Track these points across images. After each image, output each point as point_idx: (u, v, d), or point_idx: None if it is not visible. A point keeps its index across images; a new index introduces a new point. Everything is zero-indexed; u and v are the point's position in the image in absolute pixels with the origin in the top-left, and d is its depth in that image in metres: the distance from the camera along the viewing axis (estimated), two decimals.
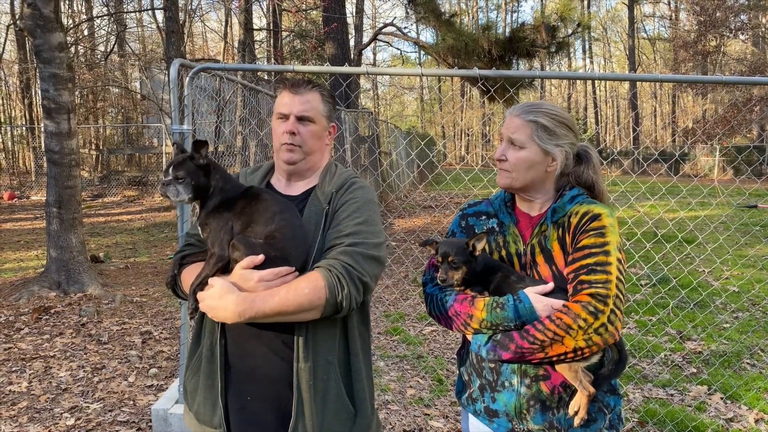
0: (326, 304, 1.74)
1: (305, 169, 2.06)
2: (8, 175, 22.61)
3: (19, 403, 4.43)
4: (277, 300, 1.72)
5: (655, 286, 7.21)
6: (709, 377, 4.84)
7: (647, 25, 50.03)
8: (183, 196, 1.83)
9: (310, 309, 1.75)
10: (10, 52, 28.50)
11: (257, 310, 1.71)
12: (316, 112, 2.01)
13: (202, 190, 1.86)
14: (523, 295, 1.79)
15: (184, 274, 1.94)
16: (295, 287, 1.74)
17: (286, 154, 2.00)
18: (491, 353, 1.81)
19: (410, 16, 16.60)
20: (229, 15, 20.82)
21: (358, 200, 1.96)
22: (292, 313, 1.74)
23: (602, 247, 1.76)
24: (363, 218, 1.91)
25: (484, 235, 1.88)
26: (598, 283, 1.72)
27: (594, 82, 47.26)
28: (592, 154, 2.00)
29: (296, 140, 1.98)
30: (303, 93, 2.00)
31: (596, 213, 1.82)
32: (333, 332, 1.90)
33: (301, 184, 2.07)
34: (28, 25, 7.03)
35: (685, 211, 12.33)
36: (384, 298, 7.42)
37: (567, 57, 43.03)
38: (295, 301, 1.72)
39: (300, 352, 1.84)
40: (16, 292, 7.24)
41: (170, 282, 1.99)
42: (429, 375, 5.01)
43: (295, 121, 1.99)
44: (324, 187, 2.01)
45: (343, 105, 12.49)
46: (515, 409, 1.87)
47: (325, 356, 1.87)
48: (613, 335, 1.72)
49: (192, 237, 2.08)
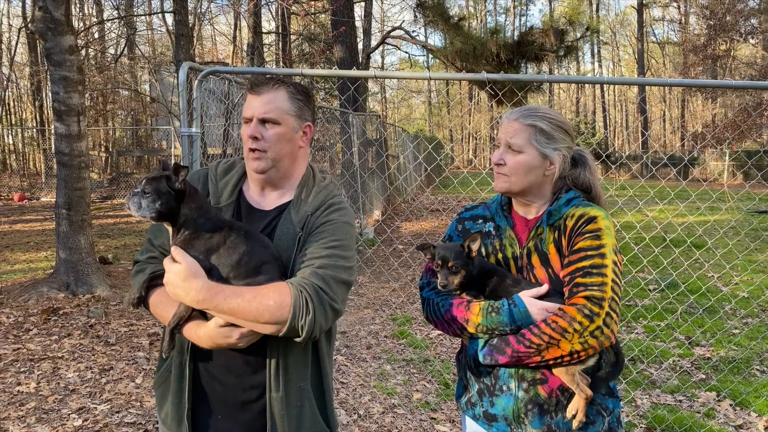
0: (287, 324, 1.63)
1: (278, 178, 1.89)
2: (19, 177, 22.77)
3: (27, 404, 4.46)
4: (239, 302, 1.62)
5: (663, 291, 7.17)
6: (718, 383, 4.80)
7: (656, 28, 49.91)
8: (144, 212, 1.70)
9: (269, 323, 1.64)
10: (21, 55, 28.77)
11: (216, 304, 1.63)
12: (281, 112, 1.83)
13: (169, 214, 1.73)
14: (517, 299, 1.80)
15: (154, 298, 1.84)
16: (262, 296, 1.64)
17: (253, 162, 1.84)
18: (488, 357, 1.82)
19: (418, 20, 16.60)
20: (239, 18, 20.93)
21: (334, 222, 1.83)
22: (249, 321, 1.64)
23: (598, 250, 1.77)
24: (337, 241, 1.79)
25: (477, 235, 1.88)
26: (594, 285, 1.72)
27: (602, 85, 47.17)
28: (587, 158, 2.01)
29: (261, 145, 1.82)
30: (264, 92, 1.83)
31: (592, 215, 1.82)
32: (305, 359, 1.84)
33: (274, 196, 1.92)
34: (39, 28, 7.09)
35: (695, 215, 12.26)
36: (391, 302, 7.41)
37: (575, 61, 42.89)
38: (256, 310, 1.62)
39: (272, 382, 1.78)
40: (26, 293, 7.28)
41: (135, 304, 1.87)
42: (435, 379, 5.00)
43: (258, 124, 1.82)
44: (299, 206, 1.87)
45: (351, 108, 12.50)
46: (513, 413, 1.87)
47: (297, 383, 1.82)
48: (609, 338, 1.72)
49: (156, 249, 1.92)
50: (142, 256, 1.93)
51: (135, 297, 1.86)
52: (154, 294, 1.84)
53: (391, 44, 22.99)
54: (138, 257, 1.95)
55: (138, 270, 1.91)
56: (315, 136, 8.11)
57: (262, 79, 1.88)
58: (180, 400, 1.85)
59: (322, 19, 20.39)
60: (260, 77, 1.93)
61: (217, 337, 1.69)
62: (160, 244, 1.90)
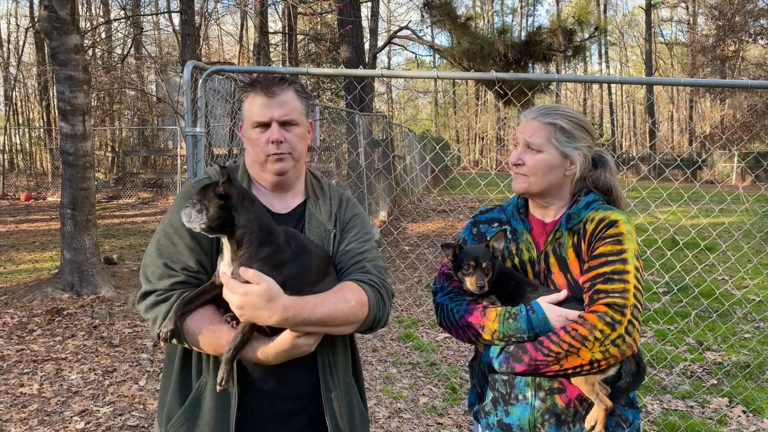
0: (365, 319, 1.68)
1: (295, 178, 1.86)
2: (25, 177, 22.86)
3: (29, 406, 4.41)
4: (326, 310, 1.59)
5: (674, 294, 7.07)
6: (731, 389, 4.71)
7: (664, 29, 49.65)
8: (194, 224, 1.57)
9: (351, 323, 1.67)
10: (29, 55, 28.85)
11: (305, 317, 1.55)
12: (298, 113, 1.79)
13: (222, 225, 1.57)
14: (536, 305, 1.74)
15: (195, 329, 1.63)
16: (343, 299, 1.64)
17: (277, 164, 1.77)
18: (504, 365, 1.76)
19: (425, 20, 16.55)
20: (245, 18, 20.93)
21: (359, 216, 1.90)
22: (335, 326, 1.64)
23: (619, 255, 1.71)
24: (369, 234, 1.87)
25: (501, 234, 1.83)
26: (615, 292, 1.66)
27: (610, 86, 46.98)
28: (608, 158, 1.95)
29: (285, 148, 1.76)
30: (279, 94, 1.76)
31: (613, 219, 1.76)
32: (346, 354, 1.87)
33: (285, 198, 1.87)
34: (45, 27, 7.06)
35: (707, 218, 12.13)
36: (397, 304, 7.34)
37: (583, 61, 42.74)
38: (341, 313, 1.62)
39: (325, 382, 1.77)
40: (30, 293, 7.25)
41: (168, 338, 1.62)
42: (442, 383, 4.93)
43: (279, 128, 1.76)
44: (319, 205, 1.86)
45: (357, 108, 12.44)
46: (529, 423, 1.81)
47: (345, 378, 1.84)
48: (630, 347, 1.66)
49: (180, 273, 1.71)
50: (162, 284, 1.69)
51: (169, 330, 1.61)
52: (192, 322, 1.64)
53: (398, 44, 22.94)
54: (153, 287, 1.70)
55: (159, 301, 1.68)
56: (321, 137, 8.08)
57: (272, 80, 1.80)
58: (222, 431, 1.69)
59: (329, 20, 20.37)
60: (266, 77, 1.85)
61: (292, 349, 1.61)
62: (184, 267, 1.71)
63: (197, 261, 1.72)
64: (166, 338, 1.62)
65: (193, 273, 1.71)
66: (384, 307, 1.73)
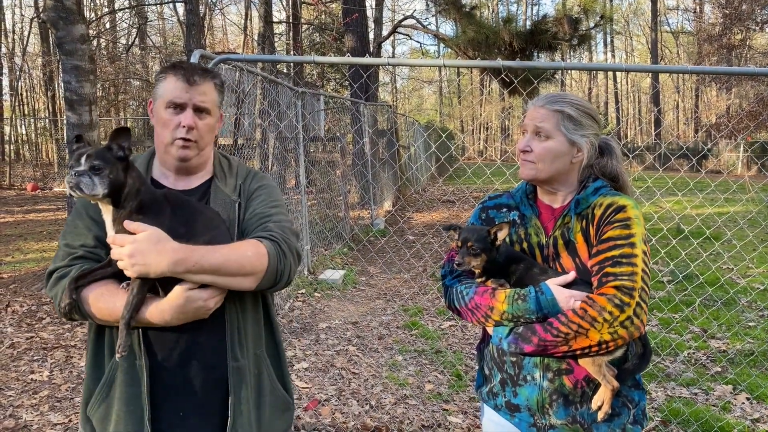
0: (267, 271, 1.65)
1: (196, 165, 1.87)
2: (32, 167, 22.96)
3: (40, 392, 4.47)
4: (218, 256, 1.58)
5: (679, 282, 7.09)
6: (735, 377, 4.73)
7: (670, 18, 49.32)
8: (98, 189, 1.54)
9: (250, 274, 1.64)
10: (34, 45, 28.88)
11: (196, 261, 1.55)
12: (213, 104, 1.83)
13: (118, 187, 1.59)
14: (545, 286, 1.76)
15: (91, 296, 1.65)
16: (237, 248, 1.64)
17: (181, 151, 1.78)
18: (513, 346, 1.78)
19: (430, 9, 16.50)
20: (249, 7, 20.87)
21: (267, 186, 1.93)
22: (230, 275, 1.61)
23: (627, 239, 1.73)
24: (277, 201, 1.89)
25: (506, 225, 1.85)
26: (624, 275, 1.69)
27: (615, 75, 46.72)
28: (614, 146, 1.98)
29: (193, 135, 1.78)
30: (200, 84, 1.79)
31: (621, 204, 1.79)
32: (259, 327, 1.87)
33: (191, 180, 1.89)
34: (51, 17, 7.08)
35: (712, 207, 12.11)
36: (403, 293, 7.38)
37: (588, 50, 42.46)
38: (237, 261, 1.60)
39: (230, 352, 1.75)
40: (39, 282, 7.32)
41: (67, 311, 1.65)
42: (448, 370, 4.97)
43: (193, 114, 1.78)
44: (225, 180, 1.90)
45: (363, 97, 12.44)
46: (537, 403, 1.84)
47: (253, 351, 1.83)
48: (638, 328, 1.69)
49: (79, 248, 1.74)
50: (62, 262, 1.72)
51: (66, 303, 1.63)
52: (90, 293, 1.65)
53: (403, 33, 22.86)
54: (55, 265, 1.73)
55: (60, 277, 1.70)
56: (326, 126, 8.05)
57: (195, 67, 1.84)
58: (136, 407, 1.70)
59: (333, 9, 20.31)
60: (190, 64, 1.92)
61: (186, 304, 1.60)
62: (82, 244, 1.74)
63: (95, 237, 1.74)
64: (65, 312, 1.65)
65: (90, 248, 1.74)
66: (285, 260, 1.69)
